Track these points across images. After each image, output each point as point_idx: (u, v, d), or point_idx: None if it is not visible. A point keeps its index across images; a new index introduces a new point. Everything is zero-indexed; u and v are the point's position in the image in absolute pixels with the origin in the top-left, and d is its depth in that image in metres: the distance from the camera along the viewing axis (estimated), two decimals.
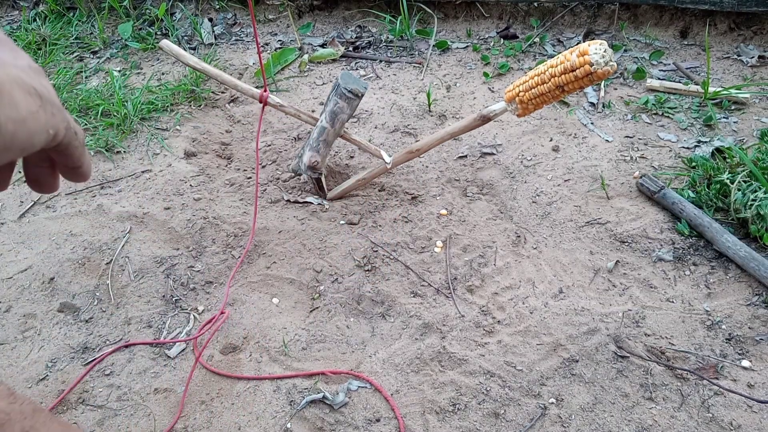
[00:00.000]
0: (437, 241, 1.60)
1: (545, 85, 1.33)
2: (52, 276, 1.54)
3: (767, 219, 1.47)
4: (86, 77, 2.36)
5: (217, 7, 2.74)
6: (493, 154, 1.88)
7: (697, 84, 2.07)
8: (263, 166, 1.89)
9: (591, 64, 1.24)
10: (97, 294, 1.50)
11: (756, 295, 1.40)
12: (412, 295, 1.46)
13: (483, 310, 1.42)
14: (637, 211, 1.64)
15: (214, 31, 2.63)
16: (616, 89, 2.12)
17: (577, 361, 1.29)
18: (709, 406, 1.20)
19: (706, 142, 1.84)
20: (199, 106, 2.15)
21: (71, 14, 2.76)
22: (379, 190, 1.78)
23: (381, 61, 2.39)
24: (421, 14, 2.54)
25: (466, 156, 1.88)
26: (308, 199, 1.75)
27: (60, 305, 1.47)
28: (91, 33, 2.66)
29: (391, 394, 1.25)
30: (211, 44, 2.56)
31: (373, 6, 2.61)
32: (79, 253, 1.60)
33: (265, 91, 1.58)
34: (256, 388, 1.27)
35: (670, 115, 1.97)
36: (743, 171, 1.58)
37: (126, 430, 1.22)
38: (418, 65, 2.34)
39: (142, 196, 1.78)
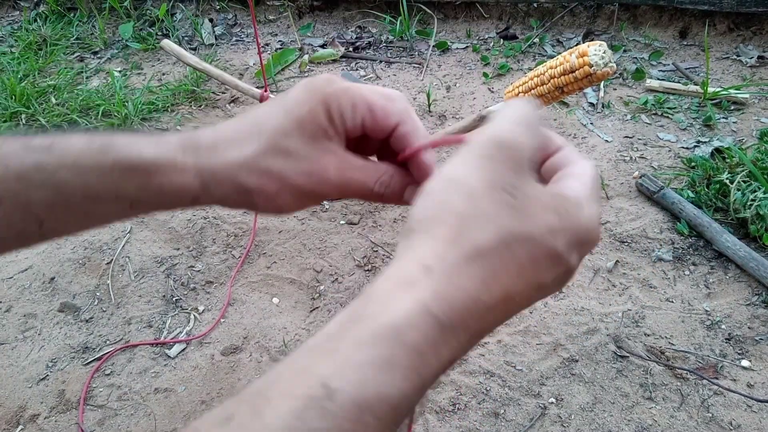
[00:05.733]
0: None
1: (545, 86, 1.33)
2: (52, 276, 1.55)
3: (767, 219, 1.48)
4: (87, 78, 2.37)
5: (218, 7, 2.74)
6: None
7: (696, 84, 2.07)
8: None
9: (590, 66, 1.24)
10: (98, 294, 1.50)
11: (755, 294, 1.40)
12: None
13: None
14: (636, 211, 1.64)
15: (214, 32, 2.64)
16: (615, 89, 2.12)
17: (576, 361, 1.30)
18: (708, 406, 1.20)
19: (705, 142, 1.84)
20: (200, 106, 2.16)
21: (72, 15, 2.76)
22: None
23: (381, 61, 2.39)
24: (421, 15, 2.54)
25: None
26: None
27: (60, 305, 1.47)
28: (92, 33, 2.66)
29: None
30: (212, 45, 2.56)
31: (373, 6, 2.61)
32: (80, 253, 1.61)
33: (265, 91, 1.59)
34: None
35: (670, 116, 1.97)
36: (742, 171, 1.59)
37: (126, 430, 1.22)
38: (418, 66, 2.34)
39: None
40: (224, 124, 0.42)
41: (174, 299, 1.48)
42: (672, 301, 1.41)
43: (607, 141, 1.89)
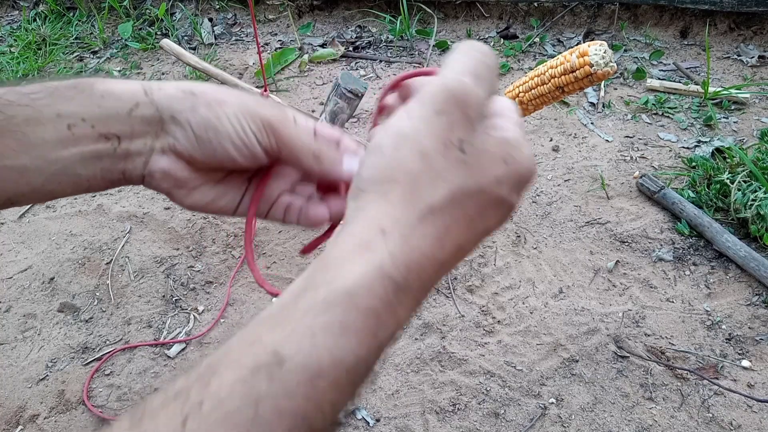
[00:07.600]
0: None
1: (545, 85, 1.33)
2: (52, 276, 1.55)
3: (767, 219, 1.47)
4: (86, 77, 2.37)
5: (217, 7, 2.74)
6: None
7: (697, 84, 2.07)
8: None
9: (591, 65, 1.24)
10: (97, 294, 1.50)
11: (756, 295, 1.40)
12: None
13: (483, 310, 1.42)
14: (637, 211, 1.64)
15: (214, 31, 2.63)
16: (616, 89, 2.12)
17: (577, 361, 1.29)
18: (709, 406, 1.20)
19: (706, 142, 1.84)
20: None
21: (71, 14, 2.76)
22: None
23: (381, 61, 2.39)
24: (421, 14, 2.54)
25: None
26: None
27: (60, 305, 1.47)
28: (91, 33, 2.66)
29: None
30: (211, 44, 2.56)
31: (373, 6, 2.61)
32: (79, 253, 1.60)
33: (265, 91, 1.58)
34: None
35: (670, 115, 1.97)
36: (743, 171, 1.58)
37: None
38: (418, 65, 2.34)
39: (142, 196, 1.78)
40: None
41: (174, 299, 1.48)
42: (672, 301, 1.41)
43: (607, 141, 1.89)
